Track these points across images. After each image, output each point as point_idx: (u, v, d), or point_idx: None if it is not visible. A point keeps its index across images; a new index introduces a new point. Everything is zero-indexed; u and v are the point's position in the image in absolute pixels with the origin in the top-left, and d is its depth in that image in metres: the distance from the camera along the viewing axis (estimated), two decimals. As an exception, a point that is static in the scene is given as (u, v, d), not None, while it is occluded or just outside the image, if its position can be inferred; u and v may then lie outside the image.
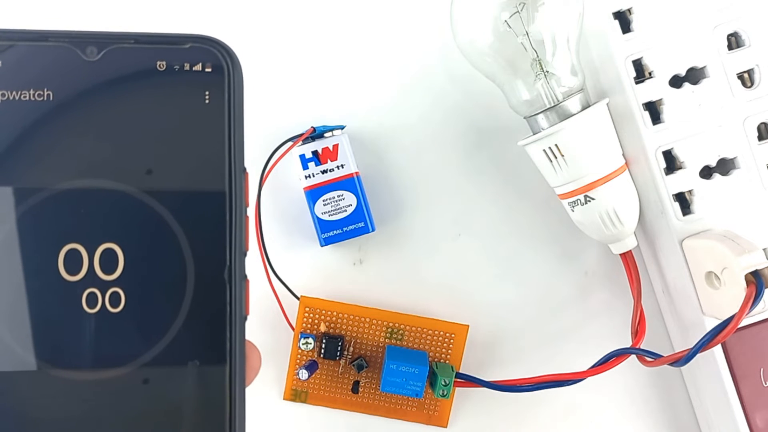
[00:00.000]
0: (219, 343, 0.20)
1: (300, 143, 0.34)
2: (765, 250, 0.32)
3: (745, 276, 0.28)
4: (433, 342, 0.35)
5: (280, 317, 0.34)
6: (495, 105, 0.36)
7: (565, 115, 0.32)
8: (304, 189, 0.35)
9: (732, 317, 0.28)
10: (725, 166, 0.33)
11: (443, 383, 0.33)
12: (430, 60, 0.37)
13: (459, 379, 0.34)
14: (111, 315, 0.19)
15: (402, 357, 0.33)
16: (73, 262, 0.19)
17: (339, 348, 0.34)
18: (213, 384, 0.20)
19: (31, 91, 0.19)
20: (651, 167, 0.32)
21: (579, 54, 0.33)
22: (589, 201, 0.32)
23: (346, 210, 0.35)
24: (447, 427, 0.35)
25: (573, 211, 0.34)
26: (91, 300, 0.19)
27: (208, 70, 0.20)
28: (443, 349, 0.35)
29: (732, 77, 0.32)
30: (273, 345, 0.36)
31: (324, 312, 0.35)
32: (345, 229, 0.35)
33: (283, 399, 0.35)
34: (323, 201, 0.35)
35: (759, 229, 0.32)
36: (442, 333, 0.35)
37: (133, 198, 0.19)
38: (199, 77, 0.20)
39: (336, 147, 0.34)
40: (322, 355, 0.34)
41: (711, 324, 0.30)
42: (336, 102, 0.37)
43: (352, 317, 0.35)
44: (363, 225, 0.35)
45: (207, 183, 0.20)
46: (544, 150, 0.32)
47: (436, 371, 0.33)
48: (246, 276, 0.20)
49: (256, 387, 0.23)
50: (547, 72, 0.32)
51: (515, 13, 0.31)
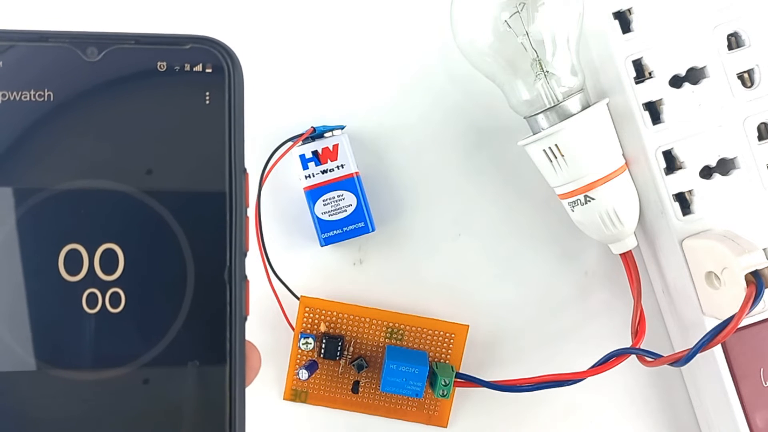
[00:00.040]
0: (219, 344, 0.20)
1: (300, 143, 0.34)
2: (765, 250, 0.32)
3: (745, 276, 0.28)
4: (433, 342, 0.35)
5: (280, 317, 0.34)
6: (495, 105, 0.36)
7: (565, 115, 0.32)
8: (304, 189, 0.35)
9: (732, 317, 0.28)
10: (725, 166, 0.33)
11: (443, 383, 0.33)
12: (430, 60, 0.37)
13: (459, 379, 0.34)
14: (111, 315, 0.19)
15: (402, 357, 0.33)
16: (74, 262, 0.19)
17: (339, 348, 0.34)
18: (213, 384, 0.20)
19: (32, 92, 0.19)
20: (651, 167, 0.32)
21: (579, 54, 0.33)
22: (589, 201, 0.32)
23: (346, 210, 0.35)
24: (447, 427, 0.35)
25: (573, 211, 0.34)
26: (91, 300, 0.19)
27: (208, 70, 0.20)
28: (443, 349, 0.35)
29: (732, 77, 0.32)
30: (273, 345, 0.36)
31: (324, 312, 0.35)
32: (345, 229, 0.35)
33: (283, 399, 0.35)
34: (323, 201, 0.35)
35: (759, 229, 0.32)
36: (442, 333, 0.35)
37: (134, 198, 0.19)
38: (200, 78, 0.20)
39: (336, 147, 0.34)
40: (322, 355, 0.34)
41: (711, 324, 0.30)
42: (336, 102, 0.37)
43: (352, 317, 0.35)
44: (363, 225, 0.35)
45: (207, 183, 0.20)
46: (544, 150, 0.32)
47: (436, 371, 0.33)
48: (246, 276, 0.20)
49: (256, 387, 0.23)
50: (547, 72, 0.32)
51: (515, 13, 0.31)
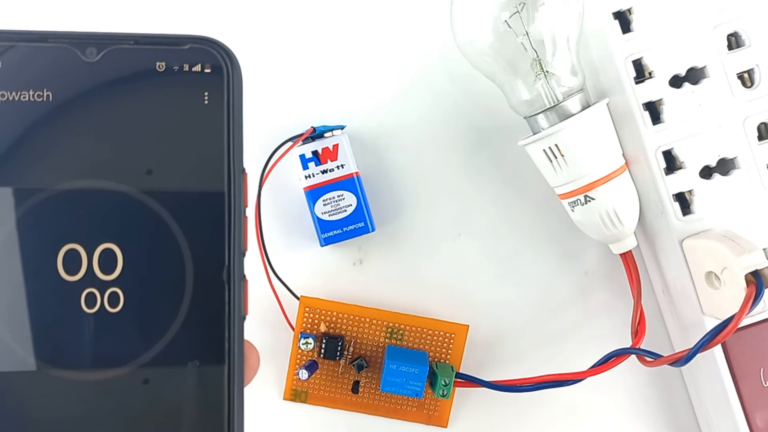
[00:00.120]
0: (218, 343, 0.20)
1: (300, 143, 0.34)
2: (765, 250, 0.32)
3: (745, 276, 0.28)
4: (433, 342, 0.35)
5: (280, 317, 0.34)
6: (495, 105, 0.36)
7: (565, 115, 0.32)
8: (304, 189, 0.35)
9: (732, 317, 0.28)
10: (725, 166, 0.33)
11: (443, 383, 0.33)
12: (430, 60, 0.37)
13: (459, 379, 0.34)
14: (110, 315, 0.19)
15: (402, 357, 0.33)
16: (73, 262, 0.19)
17: (339, 348, 0.34)
18: (212, 384, 0.20)
19: (31, 92, 0.19)
20: (651, 167, 0.32)
21: (579, 54, 0.33)
22: (589, 201, 0.32)
23: (346, 210, 0.35)
24: (447, 427, 0.35)
25: (573, 211, 0.34)
26: (90, 300, 0.19)
27: (207, 70, 0.20)
28: (443, 349, 0.35)
29: (732, 77, 0.32)
30: (273, 345, 0.36)
31: (324, 312, 0.35)
32: (345, 229, 0.35)
33: (283, 399, 0.35)
34: (323, 201, 0.35)
35: (759, 229, 0.32)
36: (442, 333, 0.35)
37: (132, 198, 0.19)
38: (198, 78, 0.20)
39: (336, 147, 0.34)
40: (322, 355, 0.34)
41: (711, 324, 0.30)
42: (336, 102, 0.37)
43: (352, 317, 0.35)
44: (363, 225, 0.35)
45: (206, 183, 0.20)
46: (544, 150, 0.32)
47: (436, 371, 0.33)
48: (245, 276, 0.20)
49: (256, 387, 0.23)
50: (547, 72, 0.32)
51: (515, 13, 0.31)
